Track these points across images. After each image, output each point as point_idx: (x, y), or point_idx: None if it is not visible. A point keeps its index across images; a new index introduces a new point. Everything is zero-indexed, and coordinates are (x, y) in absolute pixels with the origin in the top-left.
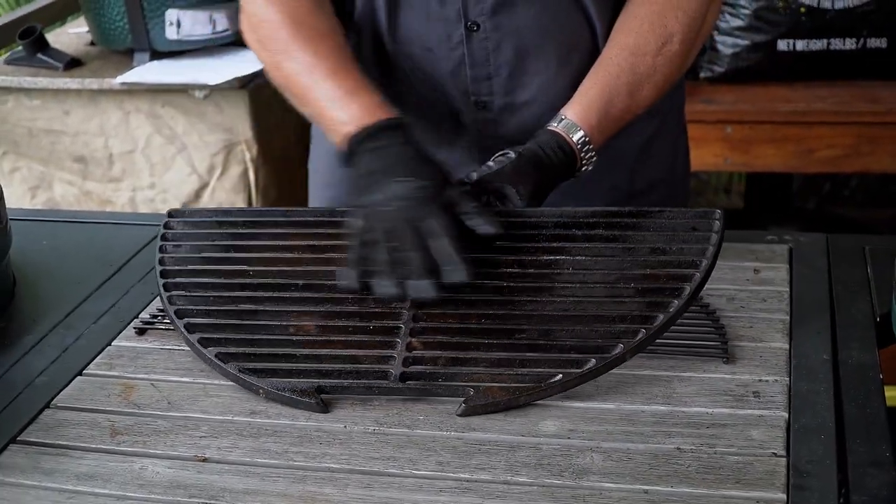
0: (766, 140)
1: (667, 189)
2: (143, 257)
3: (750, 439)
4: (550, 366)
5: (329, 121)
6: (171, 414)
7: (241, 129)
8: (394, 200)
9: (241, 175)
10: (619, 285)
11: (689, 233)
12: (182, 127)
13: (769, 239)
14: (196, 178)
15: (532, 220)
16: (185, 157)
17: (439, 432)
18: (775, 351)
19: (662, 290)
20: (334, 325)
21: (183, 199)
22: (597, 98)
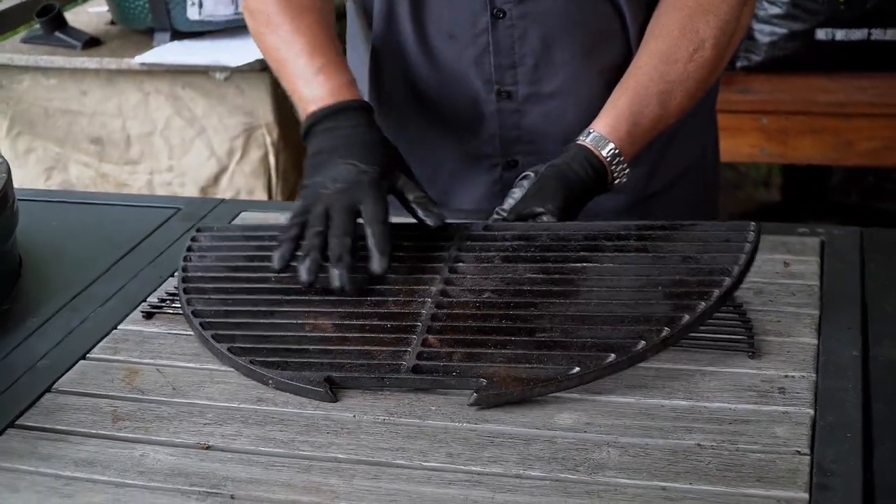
0: (803, 131)
1: (693, 186)
2: (155, 240)
3: (773, 436)
4: (569, 361)
5: (298, 97)
6: (176, 400)
7: (262, 113)
8: (333, 182)
9: (262, 159)
10: (646, 289)
11: (722, 243)
12: (202, 109)
13: (801, 231)
14: (215, 162)
15: (560, 232)
16: (205, 141)
17: (451, 423)
18: (803, 346)
19: (690, 293)
20: (351, 323)
21: (201, 183)
22: (626, 108)
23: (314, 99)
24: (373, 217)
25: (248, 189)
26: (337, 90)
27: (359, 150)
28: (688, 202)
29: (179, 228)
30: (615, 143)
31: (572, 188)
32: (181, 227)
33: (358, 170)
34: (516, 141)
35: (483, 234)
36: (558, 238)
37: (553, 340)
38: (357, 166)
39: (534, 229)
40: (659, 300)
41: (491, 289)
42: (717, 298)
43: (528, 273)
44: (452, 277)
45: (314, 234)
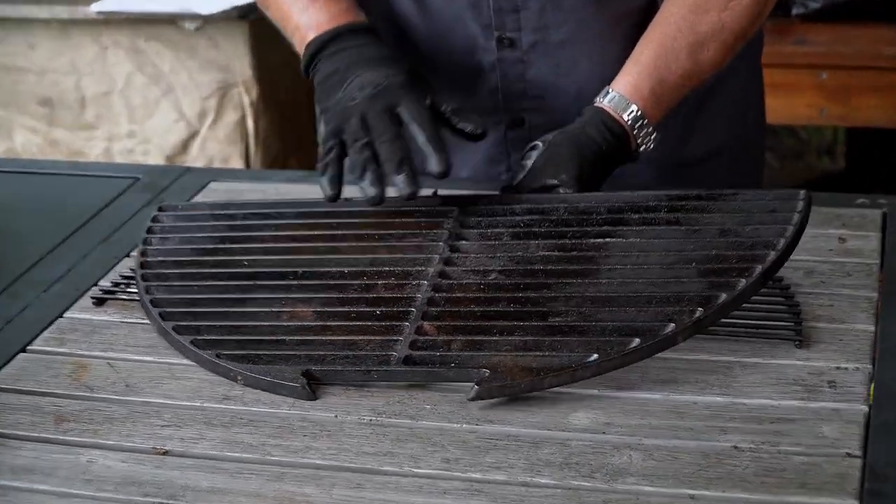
0: (867, 89)
1: (732, 156)
2: (108, 215)
3: (820, 437)
4: (586, 347)
5: (294, 27)
6: (129, 399)
7: (239, 68)
8: (361, 90)
9: (238, 123)
10: (677, 266)
11: (766, 214)
12: (169, 65)
13: (860, 203)
14: (184, 126)
15: (579, 205)
16: (172, 101)
17: (448, 424)
18: (858, 334)
19: (729, 270)
20: (334, 310)
21: (168, 150)
22: (651, 64)
23: (314, 25)
24: (417, 116)
25: (223, 157)
26: (340, 15)
27: (379, 61)
28: (728, 174)
29: (137, 201)
30: (638, 105)
31: (587, 156)
32: (139, 200)
33: (385, 73)
34: (521, 95)
35: (489, 207)
36: (577, 211)
37: (568, 325)
38: (383, 71)
39: (549, 202)
40: (692, 278)
41: (498, 269)
42: (760, 276)
43: (541, 251)
44: (453, 257)
45: (362, 147)
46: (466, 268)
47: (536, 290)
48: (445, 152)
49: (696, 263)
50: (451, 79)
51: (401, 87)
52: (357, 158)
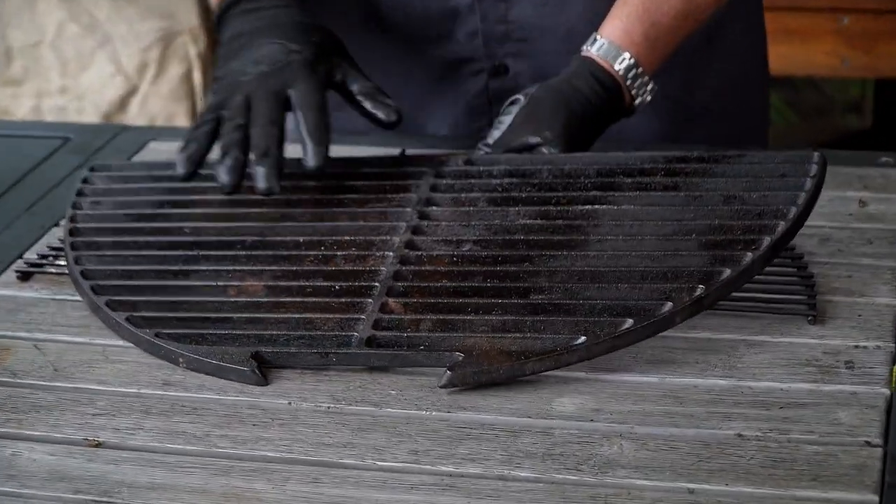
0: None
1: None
2: (34, 180)
3: (836, 423)
4: (572, 329)
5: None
6: (58, 384)
7: (184, 15)
8: (255, 65)
9: (183, 77)
10: (675, 238)
11: (776, 179)
12: (105, 12)
13: (883, 161)
14: (122, 81)
15: (565, 167)
16: (109, 53)
17: (416, 412)
18: (879, 308)
19: (734, 242)
20: (288, 285)
21: (104, 108)
22: (640, 6)
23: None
24: (305, 100)
25: (167, 115)
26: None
27: (288, 29)
28: (734, 127)
29: (67, 164)
30: (630, 52)
31: (574, 111)
32: (69, 163)
33: (287, 49)
34: (504, 38)
35: (463, 169)
36: (563, 174)
37: (552, 303)
38: (286, 45)
39: (531, 163)
40: (692, 251)
41: (472, 239)
42: (768, 249)
43: (521, 219)
44: (422, 225)
45: (233, 128)
46: (437, 238)
47: (516, 263)
48: (325, 145)
49: (696, 234)
50: (423, 25)
51: (299, 68)
52: (226, 139)
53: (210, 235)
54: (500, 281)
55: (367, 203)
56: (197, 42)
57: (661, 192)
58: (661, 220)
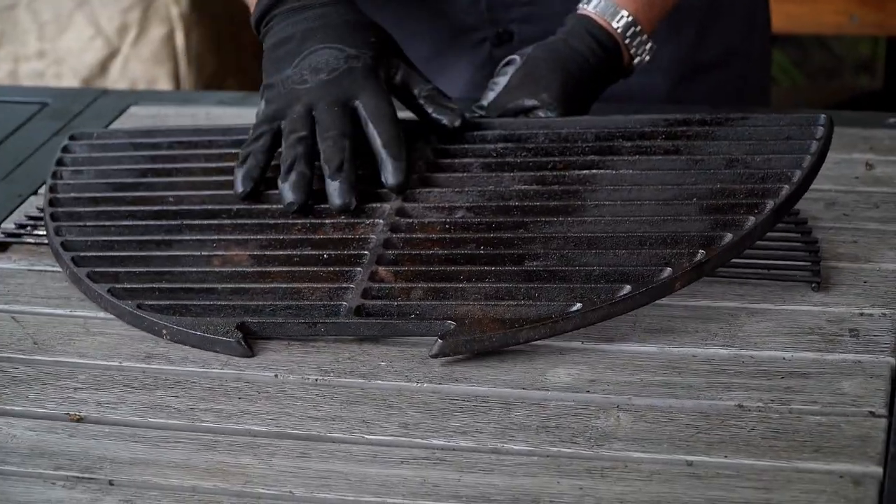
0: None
1: (744, 62)
2: (11, 146)
3: (839, 393)
4: (568, 295)
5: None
6: (37, 358)
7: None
8: (314, 73)
9: (165, 39)
10: (676, 203)
11: (781, 142)
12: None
13: (891, 122)
14: (102, 44)
15: (562, 130)
16: (87, 15)
17: (407, 384)
18: (885, 275)
19: (737, 206)
20: (274, 254)
21: (83, 72)
22: None
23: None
24: (375, 112)
25: (148, 79)
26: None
27: (342, 31)
28: (741, 81)
29: (45, 130)
30: (628, 9)
31: (571, 72)
32: (47, 129)
33: (346, 54)
34: (510, 3)
35: (456, 133)
36: (559, 138)
37: (548, 270)
38: (344, 51)
39: (526, 127)
40: (693, 216)
41: (466, 206)
42: (771, 213)
43: (516, 184)
44: (413, 192)
45: (296, 141)
46: (429, 204)
47: (511, 230)
48: (403, 160)
49: (697, 199)
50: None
51: (362, 75)
52: (289, 153)
53: (194, 204)
54: (493, 248)
55: (358, 169)
56: (179, 2)
57: (661, 156)
58: (662, 185)
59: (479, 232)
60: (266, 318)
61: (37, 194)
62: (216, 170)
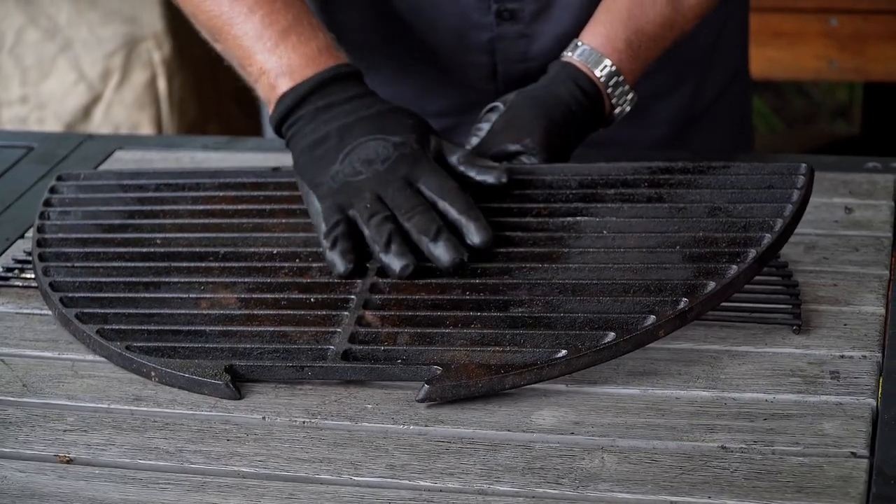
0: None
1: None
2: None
3: (821, 434)
4: (553, 342)
5: (258, 72)
6: (27, 400)
7: (148, 20)
8: (367, 165)
9: (148, 84)
10: (659, 251)
11: (762, 191)
12: (66, 16)
13: (870, 167)
14: (85, 89)
15: (546, 177)
16: (70, 59)
17: (393, 426)
18: (866, 317)
19: (719, 254)
20: (262, 297)
21: (66, 117)
22: (624, 11)
23: (286, 71)
24: (442, 189)
25: (131, 124)
26: (318, 55)
27: (379, 121)
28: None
29: (32, 174)
30: (612, 59)
31: (554, 118)
32: (34, 172)
33: (392, 143)
34: (522, 78)
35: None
36: (544, 185)
37: (532, 317)
38: (388, 139)
39: (510, 173)
40: (676, 264)
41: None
42: (754, 261)
43: (501, 231)
44: None
45: (382, 220)
46: None
47: (495, 276)
48: (484, 219)
49: (680, 247)
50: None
51: (414, 159)
52: (378, 231)
53: (182, 247)
54: (478, 294)
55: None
56: (162, 48)
57: (644, 204)
58: (645, 233)
59: (464, 278)
60: (254, 361)
61: (24, 238)
62: (204, 212)
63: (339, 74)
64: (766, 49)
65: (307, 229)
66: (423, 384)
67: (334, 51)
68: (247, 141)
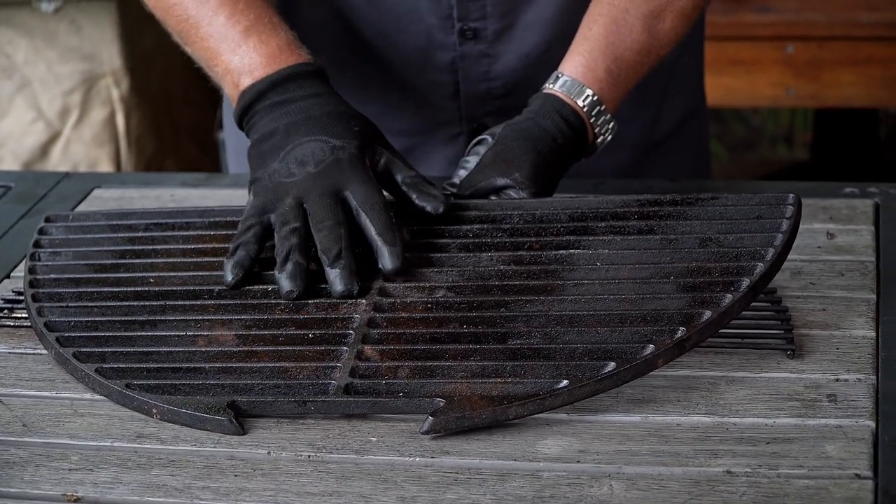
0: (842, 63)
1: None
2: None
3: (824, 457)
4: (554, 373)
5: (223, 71)
6: (28, 440)
7: (107, 56)
8: (301, 166)
9: (106, 121)
10: (653, 281)
11: (751, 221)
12: (23, 55)
13: (848, 192)
14: (43, 127)
15: (536, 211)
16: (28, 98)
17: (399, 458)
18: (857, 341)
19: (713, 284)
20: (259, 334)
21: (24, 156)
22: (602, 40)
23: (248, 68)
24: (366, 201)
25: (90, 161)
26: (279, 53)
27: (326, 123)
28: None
29: (11, 213)
30: (593, 89)
31: (542, 151)
32: (13, 212)
33: (331, 146)
34: (485, 97)
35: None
36: (534, 219)
37: (532, 348)
38: (329, 142)
39: (500, 208)
40: (671, 294)
41: (446, 285)
42: (748, 290)
43: (495, 265)
44: None
45: (290, 232)
46: (409, 284)
47: (492, 308)
48: (399, 245)
49: (674, 277)
50: (399, 87)
51: (349, 166)
52: (283, 244)
53: (175, 285)
54: (476, 327)
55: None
56: (120, 84)
57: (635, 236)
58: (638, 264)
59: (461, 311)
60: (255, 396)
61: (10, 277)
62: (195, 251)
63: (299, 73)
64: (722, 77)
65: None
66: (426, 416)
67: (295, 49)
68: (223, 177)
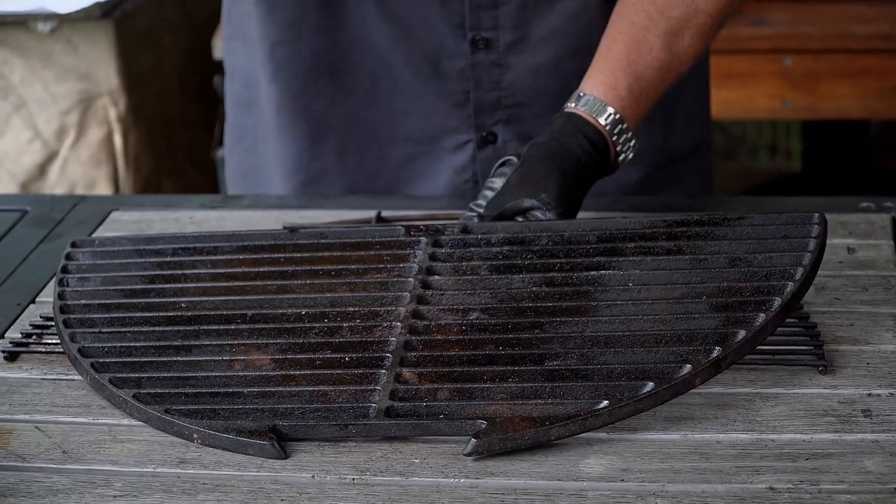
0: (838, 74)
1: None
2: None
3: (864, 472)
4: (593, 393)
5: None
6: (70, 467)
7: (104, 76)
8: None
9: (104, 141)
10: (685, 301)
11: (779, 240)
12: (20, 75)
13: (864, 207)
14: (40, 147)
15: (564, 233)
16: (24, 118)
17: (444, 479)
18: (886, 356)
19: (745, 303)
20: (296, 358)
21: (21, 176)
22: (623, 58)
23: None
24: None
25: (88, 182)
26: None
27: None
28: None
29: (30, 238)
30: (615, 107)
31: (567, 172)
32: (32, 237)
33: None
34: (495, 106)
35: (460, 237)
36: (563, 240)
37: (569, 369)
38: None
39: (528, 230)
40: (704, 314)
41: (479, 307)
42: (781, 308)
43: (527, 286)
44: (426, 294)
45: None
46: (443, 306)
47: (527, 330)
48: None
49: (706, 297)
50: (409, 94)
51: None
52: None
53: (207, 310)
54: (512, 348)
55: (366, 273)
56: (117, 104)
57: (665, 256)
58: (669, 284)
59: (497, 333)
60: (296, 420)
61: (35, 302)
62: (225, 275)
63: None
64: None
65: (332, 290)
66: (469, 438)
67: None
68: (242, 199)
